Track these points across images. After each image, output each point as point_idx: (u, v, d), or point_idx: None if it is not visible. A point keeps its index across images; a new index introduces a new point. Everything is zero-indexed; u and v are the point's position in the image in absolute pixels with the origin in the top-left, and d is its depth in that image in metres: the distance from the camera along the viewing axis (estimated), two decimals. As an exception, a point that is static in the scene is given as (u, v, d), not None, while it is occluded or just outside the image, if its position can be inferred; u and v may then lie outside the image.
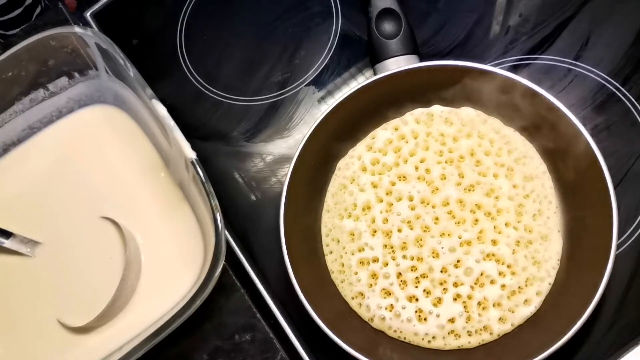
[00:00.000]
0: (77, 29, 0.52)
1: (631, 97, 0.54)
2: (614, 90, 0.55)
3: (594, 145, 0.46)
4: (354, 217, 0.51)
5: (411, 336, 0.48)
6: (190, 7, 0.66)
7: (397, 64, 0.53)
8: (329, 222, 0.52)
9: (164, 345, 0.45)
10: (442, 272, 0.48)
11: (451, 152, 0.52)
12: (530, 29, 0.58)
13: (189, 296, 0.44)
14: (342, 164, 0.53)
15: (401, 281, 0.49)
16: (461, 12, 0.60)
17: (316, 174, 0.53)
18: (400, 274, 0.49)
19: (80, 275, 0.52)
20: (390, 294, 0.49)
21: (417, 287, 0.48)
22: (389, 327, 0.48)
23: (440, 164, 0.51)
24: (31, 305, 0.52)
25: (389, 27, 0.54)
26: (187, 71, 0.63)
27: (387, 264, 0.49)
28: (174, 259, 0.51)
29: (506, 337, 0.47)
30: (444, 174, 0.51)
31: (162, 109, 0.49)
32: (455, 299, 0.48)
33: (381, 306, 0.48)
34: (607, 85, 0.55)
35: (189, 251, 0.51)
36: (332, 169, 0.54)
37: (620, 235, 0.46)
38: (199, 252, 0.50)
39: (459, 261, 0.48)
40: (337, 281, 0.50)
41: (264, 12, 0.64)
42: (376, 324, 0.48)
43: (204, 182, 0.46)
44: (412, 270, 0.49)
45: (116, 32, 0.63)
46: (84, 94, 0.58)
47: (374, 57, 0.55)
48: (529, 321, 0.47)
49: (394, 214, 0.50)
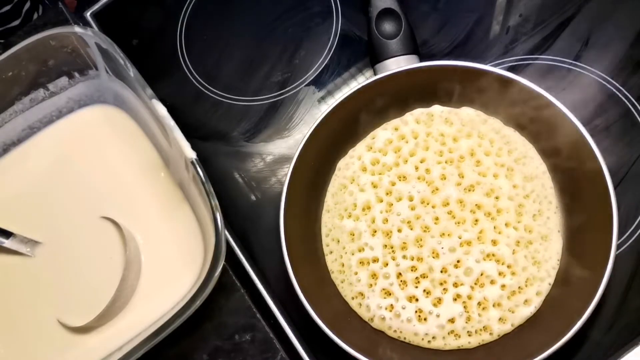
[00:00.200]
0: (77, 29, 0.52)
1: (631, 97, 0.54)
2: (614, 90, 0.55)
3: (594, 145, 0.46)
4: (354, 217, 0.51)
5: (411, 336, 0.48)
6: (190, 7, 0.66)
7: (397, 64, 0.53)
8: (329, 222, 0.52)
9: (164, 345, 0.45)
10: (442, 272, 0.48)
11: (451, 152, 0.52)
12: (530, 29, 0.58)
13: (189, 296, 0.44)
14: (342, 164, 0.53)
15: (401, 281, 0.49)
16: (461, 12, 0.60)
17: (316, 174, 0.53)
18: (400, 274, 0.49)
19: (80, 275, 0.52)
20: (390, 294, 0.49)
21: (417, 287, 0.48)
22: (389, 327, 0.48)
23: (440, 164, 0.51)
24: (31, 305, 0.52)
25: (389, 27, 0.54)
26: (187, 71, 0.63)
27: (387, 264, 0.49)
28: (174, 259, 0.51)
29: (506, 337, 0.47)
30: (444, 174, 0.51)
31: (162, 109, 0.49)
32: (455, 299, 0.48)
33: (381, 306, 0.48)
34: (607, 85, 0.55)
35: (189, 251, 0.51)
36: (332, 169, 0.54)
37: (620, 235, 0.46)
38: (199, 252, 0.50)
39: (459, 261, 0.48)
40: (337, 281, 0.50)
41: (264, 12, 0.64)
42: (376, 324, 0.48)
43: (204, 182, 0.46)
44: (412, 270, 0.49)
45: (116, 32, 0.63)
46: (84, 94, 0.58)
47: (374, 57, 0.55)
48: (529, 321, 0.47)
49: (394, 214, 0.50)
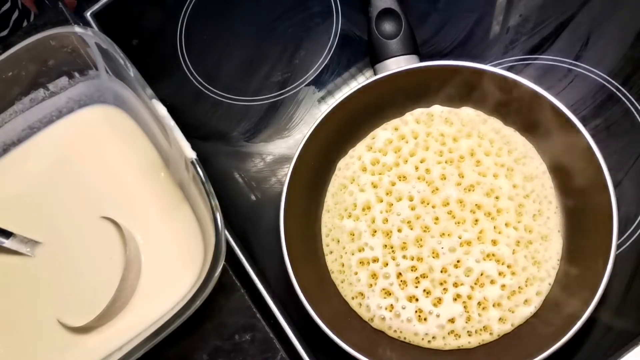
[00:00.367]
0: (77, 29, 0.52)
1: (631, 97, 0.54)
2: (614, 90, 0.55)
3: (594, 145, 0.46)
4: (354, 217, 0.51)
5: (411, 336, 0.48)
6: (190, 7, 0.66)
7: (397, 64, 0.53)
8: (329, 222, 0.52)
9: (164, 345, 0.45)
10: (442, 272, 0.48)
11: (451, 152, 0.52)
12: (530, 29, 0.58)
13: (189, 296, 0.44)
14: (342, 164, 0.53)
15: (401, 281, 0.49)
16: (461, 12, 0.60)
17: (316, 174, 0.53)
18: (400, 274, 0.49)
19: (80, 275, 0.52)
20: (390, 294, 0.49)
21: (417, 287, 0.48)
22: (389, 327, 0.48)
23: (440, 164, 0.51)
24: (31, 305, 0.52)
25: (389, 27, 0.54)
26: (187, 71, 0.63)
27: (387, 264, 0.49)
28: (174, 259, 0.51)
29: (506, 337, 0.47)
30: (444, 174, 0.51)
31: (162, 109, 0.49)
32: (455, 299, 0.48)
33: (381, 306, 0.48)
34: (607, 85, 0.55)
35: (189, 251, 0.51)
36: (332, 169, 0.54)
37: (620, 235, 0.46)
38: (199, 252, 0.50)
39: (459, 261, 0.48)
40: (337, 281, 0.50)
41: (264, 12, 0.64)
42: (376, 324, 0.48)
43: (204, 182, 0.46)
44: (412, 270, 0.49)
45: (116, 32, 0.63)
46: (84, 94, 0.58)
47: (374, 57, 0.55)
48: (529, 321, 0.47)
49: (394, 214, 0.50)
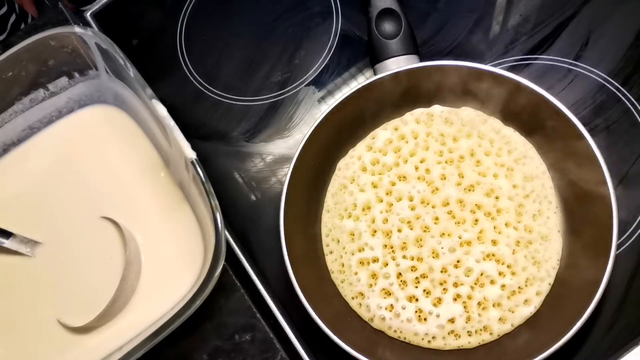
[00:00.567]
0: (77, 29, 0.52)
1: (631, 97, 0.54)
2: (614, 90, 0.55)
3: (594, 145, 0.46)
4: (354, 217, 0.51)
5: (411, 336, 0.48)
6: (190, 7, 0.66)
7: (397, 64, 0.53)
8: (329, 222, 0.52)
9: (164, 345, 0.45)
10: (442, 272, 0.48)
11: (451, 152, 0.52)
12: (530, 29, 0.58)
13: (189, 296, 0.44)
14: (342, 164, 0.53)
15: (401, 281, 0.49)
16: (461, 12, 0.60)
17: (316, 174, 0.53)
18: (400, 274, 0.49)
19: (80, 275, 0.52)
20: (390, 294, 0.49)
21: (417, 287, 0.48)
22: (389, 327, 0.48)
23: (440, 164, 0.51)
24: (31, 305, 0.52)
25: (389, 27, 0.54)
26: (187, 71, 0.63)
27: (387, 264, 0.49)
28: (174, 259, 0.51)
29: (506, 337, 0.47)
30: (444, 174, 0.51)
31: (162, 109, 0.49)
32: (455, 299, 0.48)
33: (381, 306, 0.48)
34: (607, 85, 0.55)
35: (189, 251, 0.51)
36: (332, 169, 0.54)
37: (620, 235, 0.46)
38: (199, 252, 0.50)
39: (459, 261, 0.48)
40: (337, 281, 0.50)
41: (264, 12, 0.64)
42: (376, 324, 0.48)
43: (204, 182, 0.46)
44: (412, 270, 0.49)
45: (116, 32, 0.63)
46: (84, 94, 0.58)
47: (374, 57, 0.55)
48: (529, 321, 0.47)
49: (394, 214, 0.50)
